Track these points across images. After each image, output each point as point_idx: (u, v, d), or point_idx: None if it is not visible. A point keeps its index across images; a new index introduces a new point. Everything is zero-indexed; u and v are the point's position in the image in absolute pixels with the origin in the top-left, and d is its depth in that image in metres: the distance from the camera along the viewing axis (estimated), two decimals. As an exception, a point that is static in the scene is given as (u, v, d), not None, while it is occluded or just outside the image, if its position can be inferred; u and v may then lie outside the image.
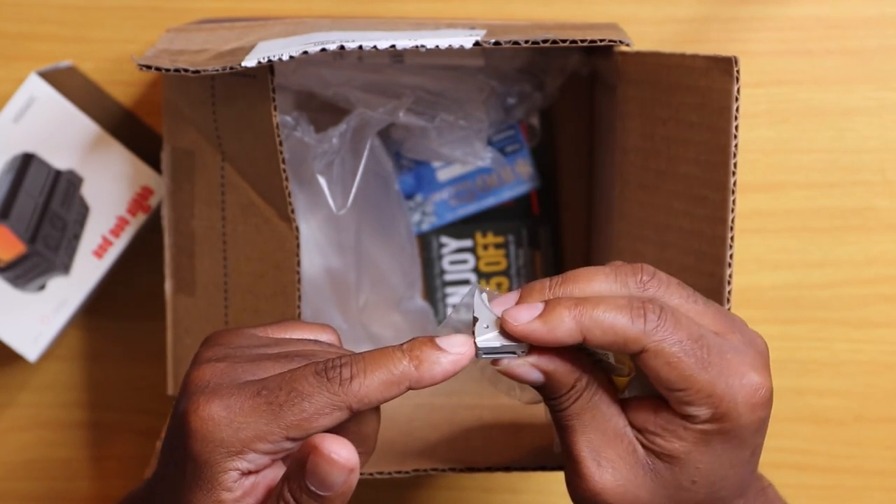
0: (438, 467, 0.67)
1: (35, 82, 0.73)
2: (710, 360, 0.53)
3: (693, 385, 0.52)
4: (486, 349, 0.52)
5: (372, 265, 0.78)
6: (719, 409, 0.53)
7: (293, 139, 0.72)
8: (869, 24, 0.80)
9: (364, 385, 0.50)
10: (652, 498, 0.54)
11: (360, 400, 0.50)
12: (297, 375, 0.51)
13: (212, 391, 0.51)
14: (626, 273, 0.55)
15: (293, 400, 0.50)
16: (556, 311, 0.52)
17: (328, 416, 0.50)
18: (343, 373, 0.50)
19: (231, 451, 0.50)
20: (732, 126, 0.61)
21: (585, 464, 0.54)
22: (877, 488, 0.85)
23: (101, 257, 0.75)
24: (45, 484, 0.85)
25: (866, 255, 0.83)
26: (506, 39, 0.62)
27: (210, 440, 0.50)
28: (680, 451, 0.54)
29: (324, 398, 0.50)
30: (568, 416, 0.54)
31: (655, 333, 0.52)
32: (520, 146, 0.82)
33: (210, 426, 0.50)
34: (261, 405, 0.50)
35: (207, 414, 0.50)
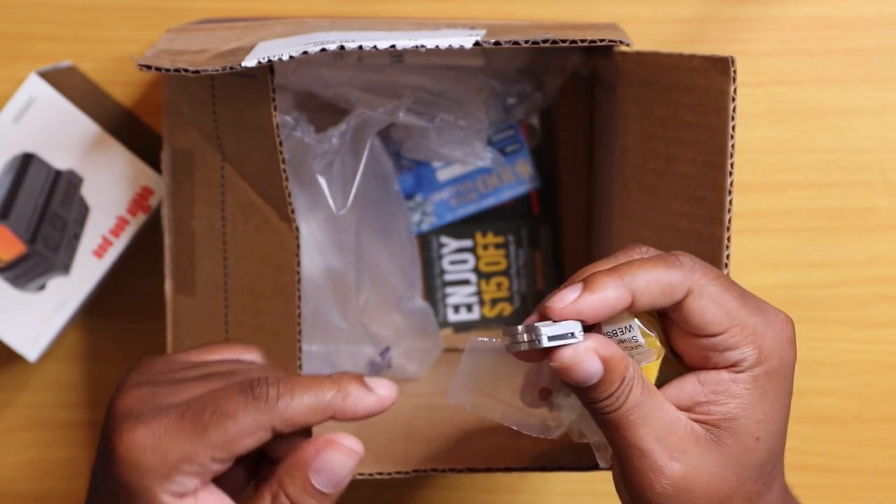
0: (439, 468, 0.67)
1: (35, 82, 0.73)
2: (744, 296, 0.53)
3: (737, 321, 0.52)
4: (551, 335, 0.51)
5: (372, 265, 0.78)
6: (763, 348, 0.53)
7: (293, 139, 0.72)
8: (869, 24, 0.80)
9: (290, 406, 0.50)
10: (725, 471, 0.53)
11: (284, 421, 0.50)
12: (222, 395, 0.50)
13: (136, 417, 0.51)
14: (627, 252, 0.55)
15: (217, 420, 0.50)
16: (599, 281, 0.51)
17: (252, 435, 0.50)
18: (270, 392, 0.50)
19: (159, 475, 0.50)
20: (729, 126, 0.61)
21: (657, 456, 0.52)
22: (877, 488, 0.85)
23: (101, 257, 0.75)
24: (45, 484, 0.85)
25: (866, 255, 0.83)
26: (506, 39, 0.62)
27: (137, 466, 0.50)
28: (737, 409, 0.53)
29: (248, 417, 0.50)
30: (626, 411, 0.52)
31: (694, 273, 0.52)
32: (520, 146, 0.82)
33: (136, 453, 0.50)
34: (185, 427, 0.50)
35: (133, 440, 0.50)
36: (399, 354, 0.78)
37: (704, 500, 0.53)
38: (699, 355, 0.53)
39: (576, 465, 0.66)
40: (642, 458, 0.53)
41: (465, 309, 0.84)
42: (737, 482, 0.53)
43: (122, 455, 0.50)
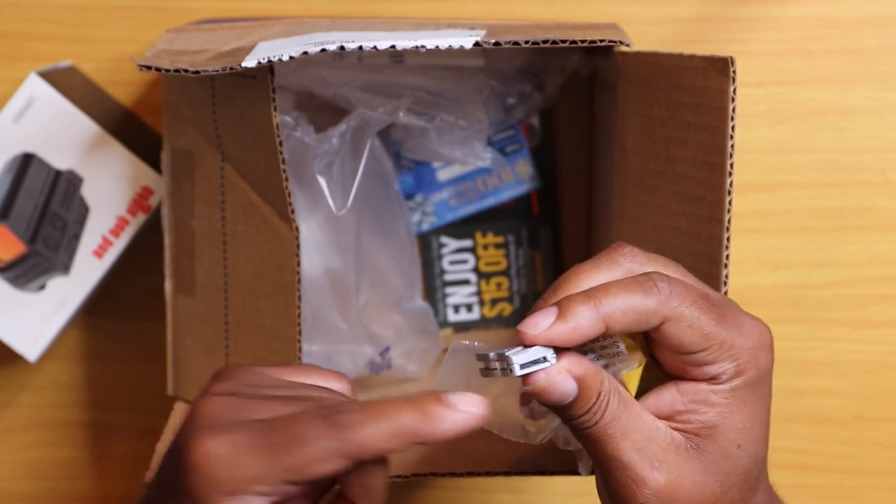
0: (439, 471, 0.67)
1: (35, 82, 0.73)
2: (721, 313, 0.53)
3: (714, 340, 0.52)
4: (523, 363, 0.51)
5: (372, 265, 0.78)
6: (741, 361, 0.53)
7: (293, 139, 0.72)
8: (869, 24, 0.80)
9: (368, 434, 0.48)
10: (708, 478, 0.53)
11: (362, 449, 0.49)
12: (302, 419, 0.49)
13: (216, 427, 0.50)
14: (610, 256, 0.55)
15: (295, 443, 0.48)
16: (572, 308, 0.51)
17: (329, 462, 0.48)
18: (348, 420, 0.49)
19: (227, 490, 0.49)
20: (729, 126, 0.61)
21: (638, 467, 0.53)
22: (876, 488, 0.85)
23: (101, 257, 0.75)
24: (45, 484, 0.85)
25: (866, 255, 0.83)
26: (506, 40, 0.62)
27: (208, 477, 0.49)
28: (717, 418, 0.53)
29: (326, 444, 0.48)
30: (604, 425, 0.53)
31: (671, 301, 0.52)
32: (520, 146, 0.82)
33: (210, 463, 0.49)
34: (262, 446, 0.49)
35: (208, 450, 0.49)
36: (399, 354, 0.78)
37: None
38: (677, 367, 0.54)
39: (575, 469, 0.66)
40: (623, 469, 0.53)
41: (465, 309, 0.84)
42: (720, 489, 0.54)
43: (195, 462, 0.49)
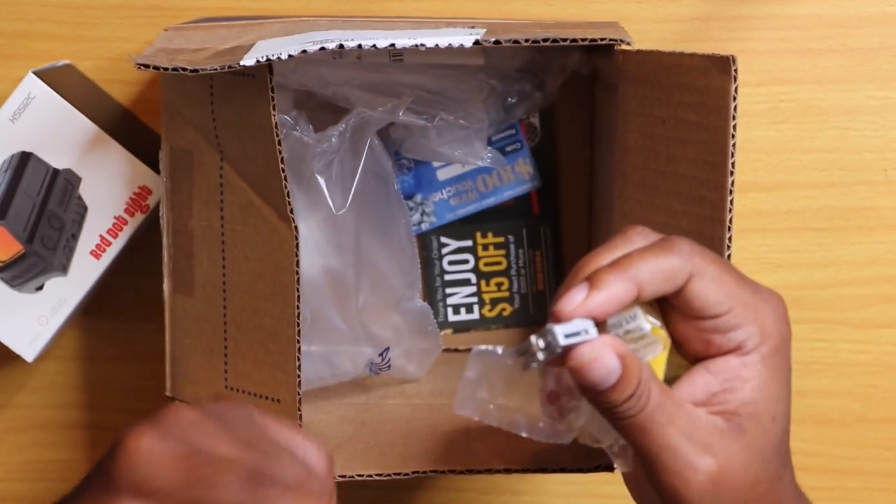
0: (438, 469, 0.67)
1: (32, 81, 0.72)
2: (741, 276, 0.54)
3: (738, 301, 0.53)
4: (567, 334, 0.50)
5: (371, 265, 0.78)
6: (765, 326, 0.53)
7: (292, 138, 0.71)
8: (871, 23, 0.80)
9: None
10: (751, 457, 0.53)
11: None
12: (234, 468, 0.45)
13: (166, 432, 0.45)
14: (625, 236, 0.55)
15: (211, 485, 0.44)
16: (603, 278, 0.51)
17: None
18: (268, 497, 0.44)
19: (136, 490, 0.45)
20: (730, 126, 0.61)
21: (690, 454, 0.52)
22: (878, 489, 0.85)
23: (98, 257, 0.75)
24: (43, 485, 0.85)
25: (868, 255, 0.82)
26: (506, 38, 0.62)
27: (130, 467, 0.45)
28: (752, 392, 0.53)
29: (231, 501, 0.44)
30: (650, 412, 0.52)
31: (693, 257, 0.52)
32: (520, 146, 0.82)
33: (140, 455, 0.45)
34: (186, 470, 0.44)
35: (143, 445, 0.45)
36: (398, 355, 0.78)
37: (737, 489, 0.53)
38: (701, 340, 0.53)
39: (576, 467, 0.66)
40: (675, 457, 0.52)
41: (465, 309, 0.84)
42: (761, 465, 0.53)
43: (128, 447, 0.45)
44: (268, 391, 0.70)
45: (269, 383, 0.68)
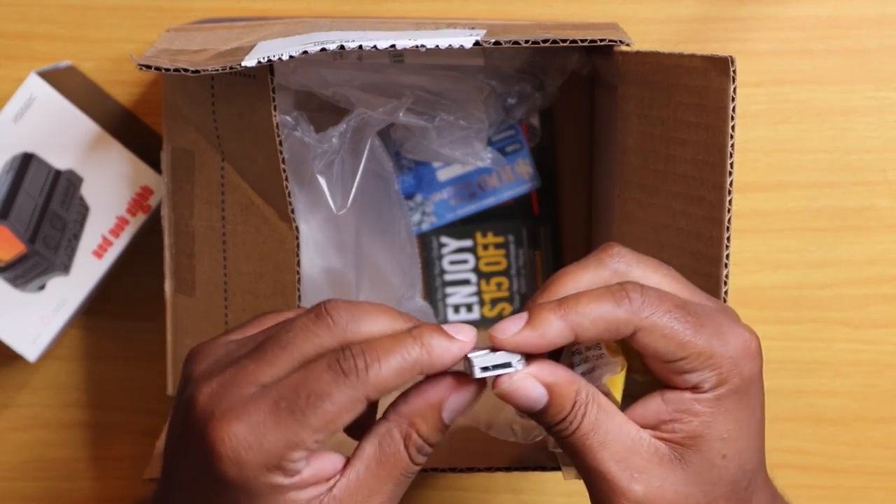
0: (438, 467, 0.67)
1: (35, 82, 0.73)
2: (699, 322, 0.53)
3: (692, 349, 0.52)
4: (484, 366, 0.52)
5: (372, 265, 0.78)
6: (723, 369, 0.53)
7: (293, 139, 0.72)
8: (869, 24, 0.80)
9: (381, 374, 0.50)
10: (691, 489, 0.53)
11: (377, 389, 0.50)
12: (312, 377, 0.50)
13: (226, 412, 0.50)
14: (598, 258, 0.55)
15: (314, 403, 0.49)
16: (541, 315, 0.52)
17: (350, 411, 0.50)
18: (358, 364, 0.50)
19: (269, 466, 0.49)
20: (729, 126, 0.61)
21: (618, 478, 0.53)
22: (877, 488, 0.85)
23: (100, 257, 0.75)
24: (44, 484, 0.85)
25: (867, 255, 0.83)
26: (506, 39, 0.62)
27: (245, 463, 0.49)
28: (701, 427, 0.53)
29: (344, 394, 0.49)
30: (582, 435, 0.53)
31: (643, 310, 0.52)
32: (520, 146, 0.82)
33: (240, 450, 0.49)
34: (283, 415, 0.49)
35: (233, 438, 0.49)
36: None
37: None
38: (662, 374, 0.54)
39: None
40: (603, 480, 0.53)
41: (465, 309, 0.84)
42: (705, 500, 0.53)
43: (225, 454, 0.49)
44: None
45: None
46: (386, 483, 0.52)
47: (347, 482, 0.51)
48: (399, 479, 0.52)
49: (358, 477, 0.51)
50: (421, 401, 0.52)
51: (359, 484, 0.51)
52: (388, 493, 0.52)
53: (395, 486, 0.52)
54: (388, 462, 0.52)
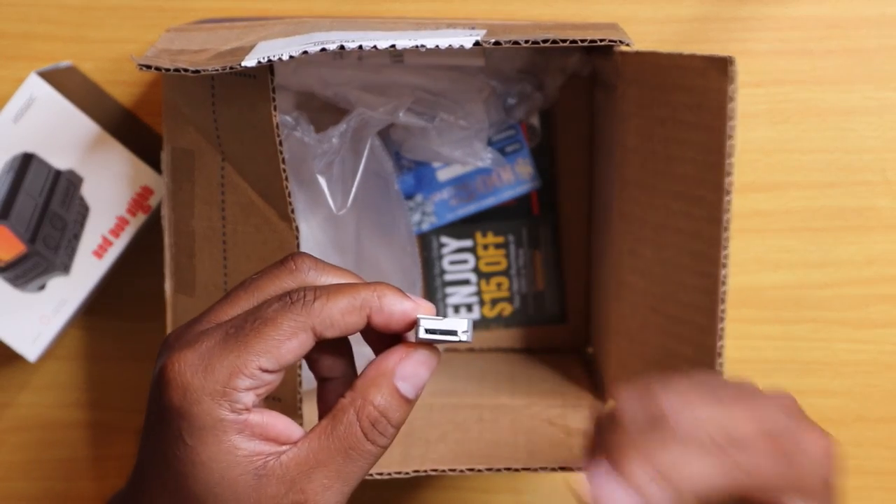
0: (439, 468, 0.67)
1: (35, 82, 0.73)
2: (788, 458, 0.52)
3: (786, 488, 0.52)
4: (430, 328, 0.52)
5: (372, 265, 0.78)
6: (813, 494, 0.52)
7: (293, 139, 0.72)
8: (869, 24, 0.80)
9: (327, 307, 0.50)
10: None
11: (322, 321, 0.50)
12: (263, 305, 0.51)
13: (182, 344, 0.51)
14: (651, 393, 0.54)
15: (258, 328, 0.50)
16: None
17: (294, 338, 0.50)
18: (306, 296, 0.50)
19: (214, 393, 0.49)
20: (728, 126, 0.61)
21: None
22: (877, 488, 0.85)
23: (100, 257, 0.75)
24: (44, 484, 0.85)
25: (867, 255, 0.83)
26: (506, 39, 0.62)
27: (190, 387, 0.50)
28: None
29: (289, 320, 0.50)
30: None
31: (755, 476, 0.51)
32: (520, 146, 0.82)
33: (187, 374, 0.50)
34: (229, 342, 0.50)
35: (181, 364, 0.50)
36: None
37: None
38: None
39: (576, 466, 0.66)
40: None
41: (466, 309, 0.84)
42: None
43: (172, 377, 0.50)
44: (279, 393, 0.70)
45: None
46: (335, 456, 0.51)
47: (297, 451, 0.51)
48: (350, 455, 0.51)
49: (309, 447, 0.51)
50: (373, 370, 0.52)
51: (308, 454, 0.51)
52: (338, 467, 0.51)
53: (345, 461, 0.51)
54: (340, 435, 0.51)
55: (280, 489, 0.50)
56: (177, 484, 0.50)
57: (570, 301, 0.84)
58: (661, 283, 0.69)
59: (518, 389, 0.77)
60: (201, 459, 0.50)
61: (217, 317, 0.52)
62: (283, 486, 0.50)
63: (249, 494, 0.50)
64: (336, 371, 0.55)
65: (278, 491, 0.50)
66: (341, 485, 0.52)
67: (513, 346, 0.85)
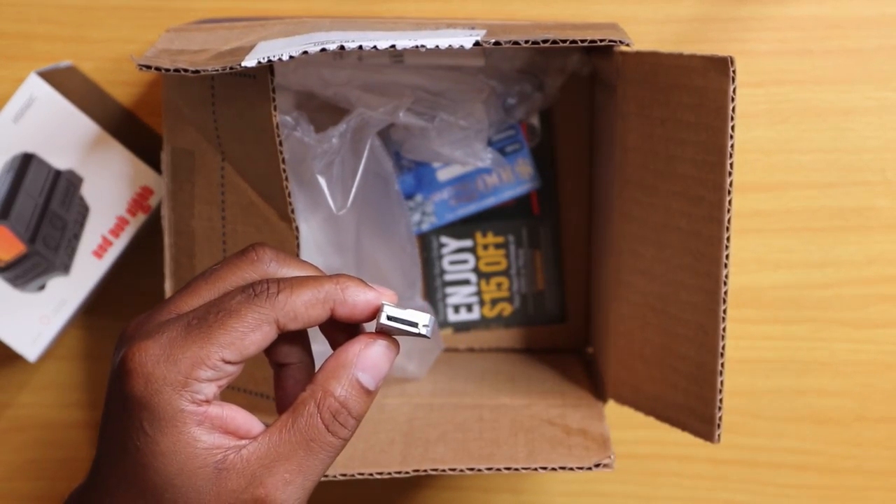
0: (439, 468, 0.67)
1: (35, 82, 0.73)
2: None
3: None
4: (391, 316, 0.52)
5: (372, 265, 0.78)
6: None
7: (293, 139, 0.72)
8: (869, 24, 0.80)
9: (290, 300, 0.51)
10: None
11: (286, 314, 0.51)
12: (226, 297, 0.51)
13: (143, 335, 0.51)
14: None
15: (222, 319, 0.50)
16: None
17: (257, 330, 0.50)
18: (270, 288, 0.51)
19: (176, 384, 0.49)
20: (728, 126, 0.62)
21: None
22: (877, 488, 0.85)
23: (100, 257, 0.75)
24: (44, 484, 0.85)
25: (866, 255, 0.83)
26: (506, 39, 0.62)
27: (151, 378, 0.49)
28: None
29: (252, 312, 0.50)
30: None
31: None
32: (520, 146, 0.82)
33: (149, 365, 0.49)
34: (192, 332, 0.50)
35: (143, 354, 0.50)
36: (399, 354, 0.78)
37: None
38: None
39: (576, 465, 0.66)
40: None
41: (465, 309, 0.84)
42: None
43: (134, 367, 0.50)
44: (269, 390, 0.70)
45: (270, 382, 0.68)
46: (297, 450, 0.51)
47: (258, 445, 0.51)
48: (312, 448, 0.51)
49: (269, 440, 0.51)
50: (333, 362, 0.52)
51: (269, 447, 0.51)
52: (299, 461, 0.51)
53: (307, 454, 0.51)
54: (301, 428, 0.51)
55: (240, 483, 0.50)
56: (136, 475, 0.50)
57: (570, 301, 0.84)
58: (662, 282, 0.69)
59: (518, 389, 0.77)
60: (161, 450, 0.50)
61: (178, 307, 0.52)
62: (243, 481, 0.50)
63: (209, 488, 0.50)
64: (293, 357, 0.55)
65: (238, 485, 0.50)
66: (303, 479, 0.51)
67: (513, 346, 0.85)
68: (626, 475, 0.86)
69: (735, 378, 0.83)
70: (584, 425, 0.71)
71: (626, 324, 0.73)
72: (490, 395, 0.76)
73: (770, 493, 0.85)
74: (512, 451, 0.68)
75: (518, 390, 0.77)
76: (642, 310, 0.71)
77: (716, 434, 0.66)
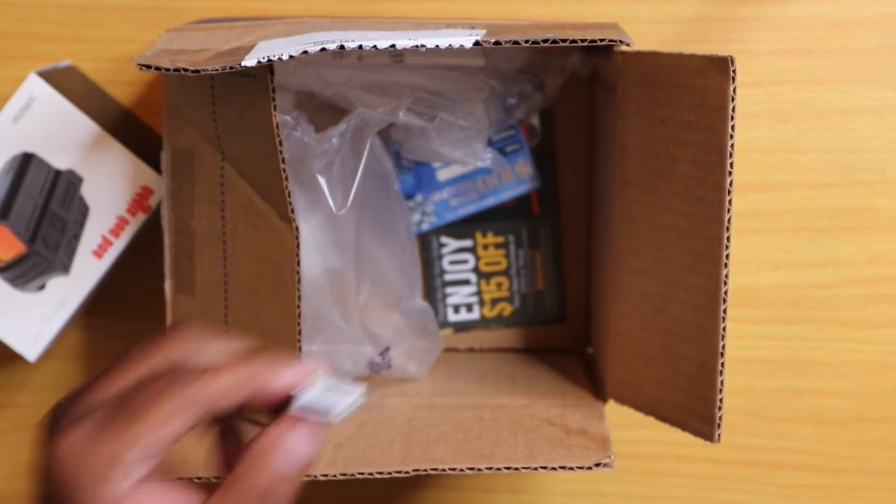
0: (439, 467, 0.67)
1: (35, 82, 0.73)
2: None
3: None
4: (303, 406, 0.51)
5: (372, 265, 0.78)
6: None
7: (293, 139, 0.72)
8: (869, 24, 0.80)
9: (208, 387, 0.50)
10: None
11: (206, 401, 0.50)
12: (147, 382, 0.50)
13: (68, 423, 0.50)
14: None
15: (142, 409, 0.49)
16: None
17: (177, 418, 0.49)
18: (189, 375, 0.50)
19: (101, 477, 0.49)
20: (729, 126, 0.62)
21: None
22: (877, 488, 0.85)
23: (100, 257, 0.75)
24: (44, 484, 0.85)
25: (866, 255, 0.83)
26: (506, 39, 0.62)
27: (76, 473, 0.49)
28: None
29: (170, 402, 0.49)
30: None
31: None
32: (520, 146, 0.82)
33: (70, 458, 0.49)
34: (115, 422, 0.49)
35: (64, 447, 0.49)
36: (399, 354, 0.78)
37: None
38: None
39: (576, 465, 0.66)
40: None
41: (465, 309, 0.84)
42: None
43: (55, 462, 0.49)
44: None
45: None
46: None
47: None
48: None
49: None
50: (255, 447, 0.51)
51: None
52: None
53: None
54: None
55: None
56: None
57: (570, 301, 0.84)
58: (662, 282, 0.69)
59: (518, 389, 0.77)
60: None
61: (104, 388, 0.51)
62: None
63: None
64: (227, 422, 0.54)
65: None
66: None
67: (513, 346, 0.85)
68: (626, 475, 0.86)
69: (735, 378, 0.83)
70: (584, 425, 0.71)
71: (626, 324, 0.73)
72: (490, 395, 0.76)
73: (770, 493, 0.85)
74: (512, 450, 0.68)
75: (518, 390, 0.77)
76: (642, 310, 0.71)
77: (716, 434, 0.66)
